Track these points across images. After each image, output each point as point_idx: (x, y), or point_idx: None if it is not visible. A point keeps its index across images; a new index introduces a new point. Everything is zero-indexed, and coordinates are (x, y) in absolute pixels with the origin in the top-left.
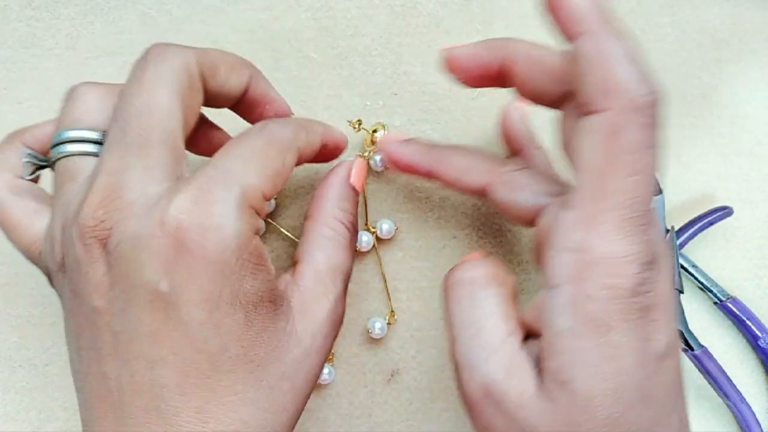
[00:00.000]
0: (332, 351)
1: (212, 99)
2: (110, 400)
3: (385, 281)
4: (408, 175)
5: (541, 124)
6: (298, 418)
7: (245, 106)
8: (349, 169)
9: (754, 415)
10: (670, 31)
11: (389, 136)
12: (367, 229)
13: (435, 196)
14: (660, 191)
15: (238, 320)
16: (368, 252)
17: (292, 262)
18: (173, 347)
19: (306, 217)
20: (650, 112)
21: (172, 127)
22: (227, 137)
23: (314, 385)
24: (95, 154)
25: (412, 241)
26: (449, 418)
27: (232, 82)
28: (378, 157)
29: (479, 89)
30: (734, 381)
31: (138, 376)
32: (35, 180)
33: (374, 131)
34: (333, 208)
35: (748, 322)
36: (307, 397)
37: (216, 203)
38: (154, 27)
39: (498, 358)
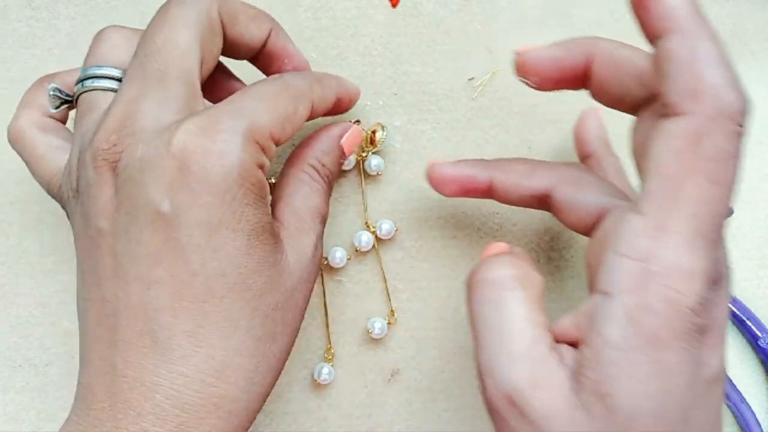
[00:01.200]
0: (332, 351)
1: (232, 47)
2: (106, 325)
3: (385, 281)
4: (407, 176)
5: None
6: (286, 353)
7: (265, 58)
8: (344, 129)
9: (754, 415)
10: None
11: (435, 161)
12: (368, 229)
13: (435, 196)
14: None
15: (238, 247)
16: (368, 252)
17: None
18: (170, 269)
19: (286, 162)
20: (738, 120)
21: (190, 65)
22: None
23: (301, 319)
24: (116, 90)
25: (412, 241)
26: (449, 418)
27: (251, 32)
28: (374, 161)
29: (479, 89)
30: (734, 381)
31: (134, 298)
32: (63, 120)
33: (373, 132)
34: (312, 158)
35: (748, 322)
36: (295, 331)
37: (222, 131)
38: None
39: (523, 366)
